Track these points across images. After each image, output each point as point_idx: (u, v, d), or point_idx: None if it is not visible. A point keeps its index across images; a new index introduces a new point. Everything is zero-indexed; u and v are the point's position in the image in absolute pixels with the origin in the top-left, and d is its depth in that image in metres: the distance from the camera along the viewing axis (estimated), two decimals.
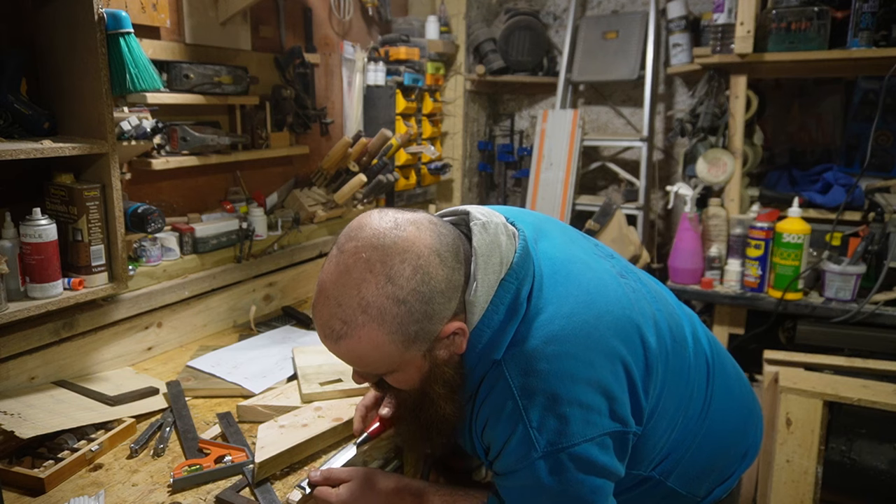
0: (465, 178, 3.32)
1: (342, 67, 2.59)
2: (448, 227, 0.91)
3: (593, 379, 0.87)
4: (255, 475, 1.10)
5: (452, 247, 0.87)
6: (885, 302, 2.07)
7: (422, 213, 0.91)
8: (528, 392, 0.86)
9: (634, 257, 2.73)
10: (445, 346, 0.89)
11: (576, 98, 3.37)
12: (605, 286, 0.96)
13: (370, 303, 0.82)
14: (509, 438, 0.88)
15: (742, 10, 2.23)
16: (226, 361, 1.58)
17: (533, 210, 3.01)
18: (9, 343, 1.33)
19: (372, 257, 0.83)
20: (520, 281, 0.90)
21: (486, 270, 0.88)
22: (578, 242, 1.06)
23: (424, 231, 0.86)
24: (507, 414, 0.87)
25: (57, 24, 1.40)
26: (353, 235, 0.86)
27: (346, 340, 0.84)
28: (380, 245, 0.83)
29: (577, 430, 0.86)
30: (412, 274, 0.82)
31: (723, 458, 1.12)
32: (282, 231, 2.08)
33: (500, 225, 0.93)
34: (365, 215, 0.90)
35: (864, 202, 2.27)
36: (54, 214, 1.38)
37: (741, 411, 1.16)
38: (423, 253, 0.84)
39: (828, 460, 1.85)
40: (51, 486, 1.08)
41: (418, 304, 0.83)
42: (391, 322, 0.82)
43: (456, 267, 0.86)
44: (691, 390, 1.05)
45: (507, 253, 0.91)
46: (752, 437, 1.19)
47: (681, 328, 1.06)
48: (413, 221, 0.87)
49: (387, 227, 0.85)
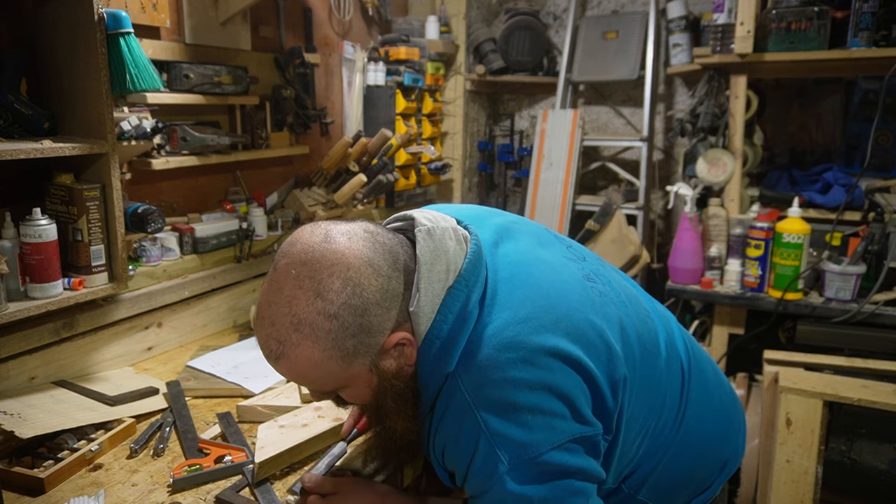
0: (465, 178, 3.32)
1: (342, 67, 2.59)
2: (388, 235, 0.87)
3: (553, 384, 0.83)
4: (255, 475, 1.10)
5: (389, 255, 0.84)
6: (885, 302, 2.07)
7: (360, 222, 0.88)
8: (486, 402, 0.83)
9: (634, 257, 2.73)
10: (393, 358, 0.86)
11: (576, 98, 3.37)
12: (567, 289, 0.92)
13: (301, 320, 0.80)
14: (473, 456, 0.84)
15: (742, 10, 2.23)
16: (226, 361, 1.58)
17: (533, 210, 3.03)
18: (9, 343, 1.33)
19: (301, 273, 0.80)
20: (469, 287, 0.86)
21: (430, 279, 0.85)
22: (549, 245, 1.02)
23: (357, 241, 0.83)
24: (467, 429, 0.84)
25: (57, 24, 1.40)
26: (286, 252, 0.84)
27: (284, 360, 0.83)
28: (308, 260, 0.81)
29: (543, 438, 0.82)
30: (342, 287, 0.80)
31: (700, 470, 1.09)
32: (282, 231, 2.08)
33: (448, 230, 0.89)
34: (299, 230, 0.87)
35: (864, 202, 2.27)
36: (54, 214, 1.38)
37: (720, 420, 1.12)
38: (353, 264, 0.81)
39: (828, 460, 1.85)
40: (51, 486, 1.08)
41: (351, 318, 0.80)
42: (325, 338, 0.80)
43: (393, 275, 0.83)
44: (663, 399, 1.01)
45: (454, 259, 0.87)
46: (733, 446, 1.15)
47: (653, 334, 1.02)
48: (346, 233, 0.84)
49: (316, 241, 0.83)
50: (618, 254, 2.73)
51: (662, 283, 2.49)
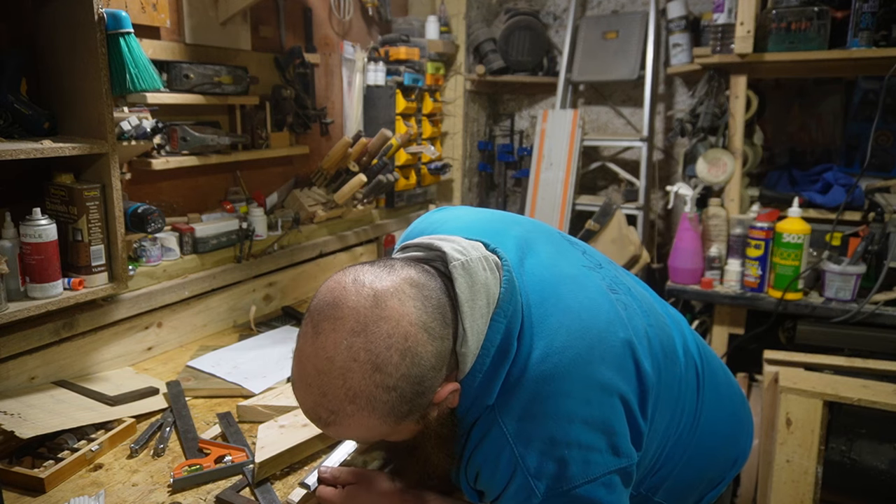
0: (465, 178, 3.32)
1: (342, 67, 2.59)
2: (430, 283, 0.83)
3: (590, 417, 0.83)
4: (255, 475, 1.10)
5: (438, 312, 0.81)
6: (885, 302, 2.06)
7: (400, 270, 0.83)
8: (524, 438, 0.83)
9: (634, 257, 2.73)
10: (438, 407, 0.85)
11: (576, 98, 3.37)
12: (597, 308, 0.91)
13: (358, 393, 0.77)
14: (507, 486, 0.84)
15: (742, 10, 2.23)
16: (226, 361, 1.58)
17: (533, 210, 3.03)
18: (9, 343, 1.33)
19: (354, 344, 0.77)
20: (508, 318, 0.85)
21: (474, 317, 0.83)
22: (566, 254, 1.01)
23: (408, 303, 0.79)
24: (504, 462, 0.83)
25: (57, 24, 1.40)
26: (329, 315, 0.79)
27: (335, 427, 0.81)
28: (361, 329, 0.77)
29: (578, 472, 0.82)
30: (400, 360, 0.77)
31: (713, 468, 1.10)
32: (282, 231, 2.08)
33: (481, 259, 0.87)
34: (337, 286, 0.81)
35: (864, 202, 2.27)
36: (54, 214, 1.38)
37: (731, 418, 1.13)
38: (409, 333, 0.78)
39: (828, 460, 1.85)
40: (51, 486, 1.08)
41: (409, 388, 0.78)
42: (382, 409, 0.79)
43: (444, 335, 0.81)
44: (682, 404, 1.02)
45: (492, 289, 0.85)
46: (743, 443, 1.16)
47: (671, 341, 1.02)
48: (394, 292, 0.79)
49: (366, 307, 0.78)
50: (618, 254, 2.73)
51: (662, 283, 2.49)
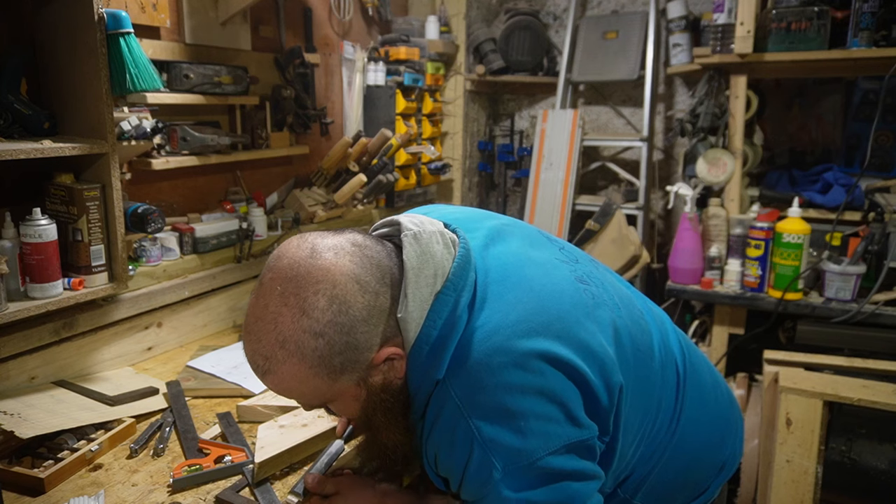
0: (465, 178, 3.32)
1: (342, 67, 2.59)
2: (376, 247, 0.85)
3: (545, 387, 0.82)
4: (254, 475, 1.10)
5: (377, 270, 0.83)
6: (885, 302, 2.07)
7: (348, 234, 0.86)
8: (478, 408, 0.82)
9: (634, 257, 2.73)
10: (381, 373, 0.85)
11: (576, 98, 3.37)
12: (558, 291, 0.90)
13: (287, 337, 0.79)
14: (467, 464, 0.83)
15: (742, 10, 2.23)
16: (226, 361, 1.58)
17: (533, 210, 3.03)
18: (9, 343, 1.33)
19: (286, 289, 0.79)
20: (457, 292, 0.85)
21: (418, 284, 0.83)
22: (541, 247, 1.01)
23: (343, 257, 0.81)
24: (460, 437, 0.82)
25: (57, 25, 1.40)
26: (272, 266, 0.83)
27: (270, 376, 0.82)
28: (293, 276, 0.80)
29: (537, 444, 0.81)
30: (327, 305, 0.79)
31: (696, 473, 1.08)
32: (282, 231, 2.08)
33: (435, 234, 0.88)
34: (285, 243, 0.85)
35: (864, 202, 2.27)
36: (54, 214, 1.38)
37: (717, 422, 1.11)
38: (339, 281, 0.79)
39: (828, 460, 1.85)
40: (51, 486, 1.08)
41: (338, 336, 0.79)
42: (311, 356, 0.79)
43: (380, 291, 0.82)
44: (658, 402, 1.01)
45: (442, 263, 0.86)
46: (731, 448, 1.14)
47: (647, 336, 1.01)
48: (332, 247, 0.82)
49: (302, 257, 0.81)
50: (618, 254, 2.73)
51: (662, 283, 2.49)
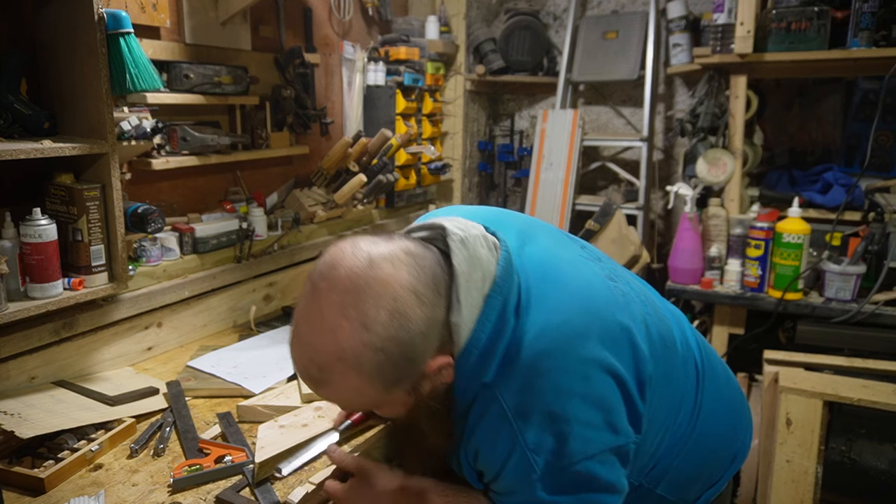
0: (465, 178, 3.32)
1: (342, 67, 2.59)
2: (426, 254, 0.85)
3: (588, 393, 0.84)
4: (255, 475, 1.10)
5: (432, 280, 0.83)
6: (885, 302, 2.07)
7: (398, 241, 0.85)
8: (523, 412, 0.84)
9: (634, 257, 2.73)
10: (430, 381, 0.86)
11: (576, 98, 3.37)
12: (594, 290, 0.93)
13: (346, 350, 0.79)
14: (506, 462, 0.85)
15: (742, 10, 2.23)
16: (226, 361, 1.58)
17: (533, 210, 3.02)
18: (9, 343, 1.33)
19: (345, 301, 0.78)
20: (504, 295, 0.86)
21: (469, 289, 0.84)
22: (565, 245, 1.03)
23: (401, 268, 0.81)
24: (503, 439, 0.85)
25: (57, 25, 1.40)
26: (326, 274, 0.81)
27: (325, 386, 0.83)
28: (353, 288, 0.79)
29: (576, 448, 0.83)
30: (389, 320, 0.78)
31: (712, 464, 1.11)
32: (282, 231, 2.08)
33: (479, 237, 0.89)
34: (338, 250, 0.83)
35: (864, 202, 2.27)
36: (54, 214, 1.38)
37: (731, 415, 1.15)
38: (399, 294, 0.79)
39: (828, 460, 1.85)
40: (51, 486, 1.08)
41: (397, 350, 0.79)
42: (369, 369, 0.80)
43: (436, 303, 0.83)
44: (681, 395, 1.03)
45: (488, 266, 0.87)
46: (742, 441, 1.17)
47: (669, 332, 1.03)
48: (388, 257, 0.81)
49: (360, 266, 0.80)
50: (618, 254, 2.73)
51: (662, 283, 2.49)
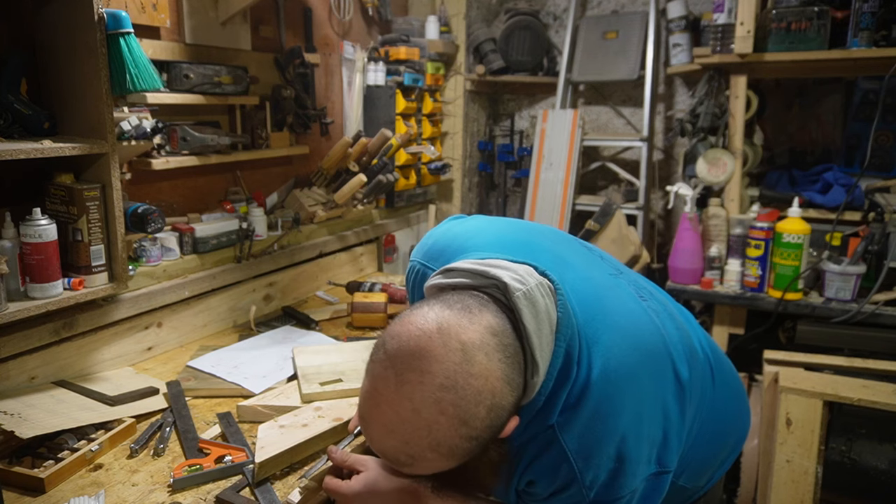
0: (465, 178, 3.32)
1: (342, 67, 2.59)
2: (505, 327, 0.83)
3: (642, 433, 0.88)
4: (255, 475, 1.10)
5: (515, 360, 0.83)
6: (885, 302, 2.06)
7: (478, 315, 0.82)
8: (585, 455, 0.86)
9: (634, 257, 2.73)
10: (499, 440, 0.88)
11: (576, 98, 3.37)
12: (638, 322, 0.95)
13: (442, 443, 0.80)
14: (560, 492, 0.88)
15: (742, 10, 2.23)
16: (226, 361, 1.58)
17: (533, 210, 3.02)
18: (9, 343, 1.33)
19: (444, 399, 0.77)
20: (567, 341, 0.87)
21: (542, 346, 0.85)
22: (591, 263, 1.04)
23: (493, 357, 0.80)
24: (563, 475, 0.87)
25: (57, 25, 1.40)
26: (416, 367, 0.78)
27: (410, 468, 0.85)
28: (451, 386, 0.77)
29: (626, 482, 0.87)
30: (486, 414, 0.80)
31: (724, 450, 1.15)
32: (282, 231, 2.08)
33: (538, 286, 0.87)
34: (422, 334, 0.80)
35: (864, 202, 2.27)
36: (54, 214, 1.38)
37: (735, 401, 1.19)
38: (496, 389, 0.80)
39: (828, 460, 1.85)
40: (51, 486, 1.08)
41: (489, 435, 0.82)
42: (461, 454, 0.82)
43: (521, 382, 0.84)
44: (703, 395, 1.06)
45: (551, 316, 0.87)
46: (744, 423, 1.22)
47: (690, 339, 1.05)
48: (480, 346, 0.79)
49: (456, 362, 0.78)
50: (618, 254, 2.73)
51: (662, 283, 2.49)
